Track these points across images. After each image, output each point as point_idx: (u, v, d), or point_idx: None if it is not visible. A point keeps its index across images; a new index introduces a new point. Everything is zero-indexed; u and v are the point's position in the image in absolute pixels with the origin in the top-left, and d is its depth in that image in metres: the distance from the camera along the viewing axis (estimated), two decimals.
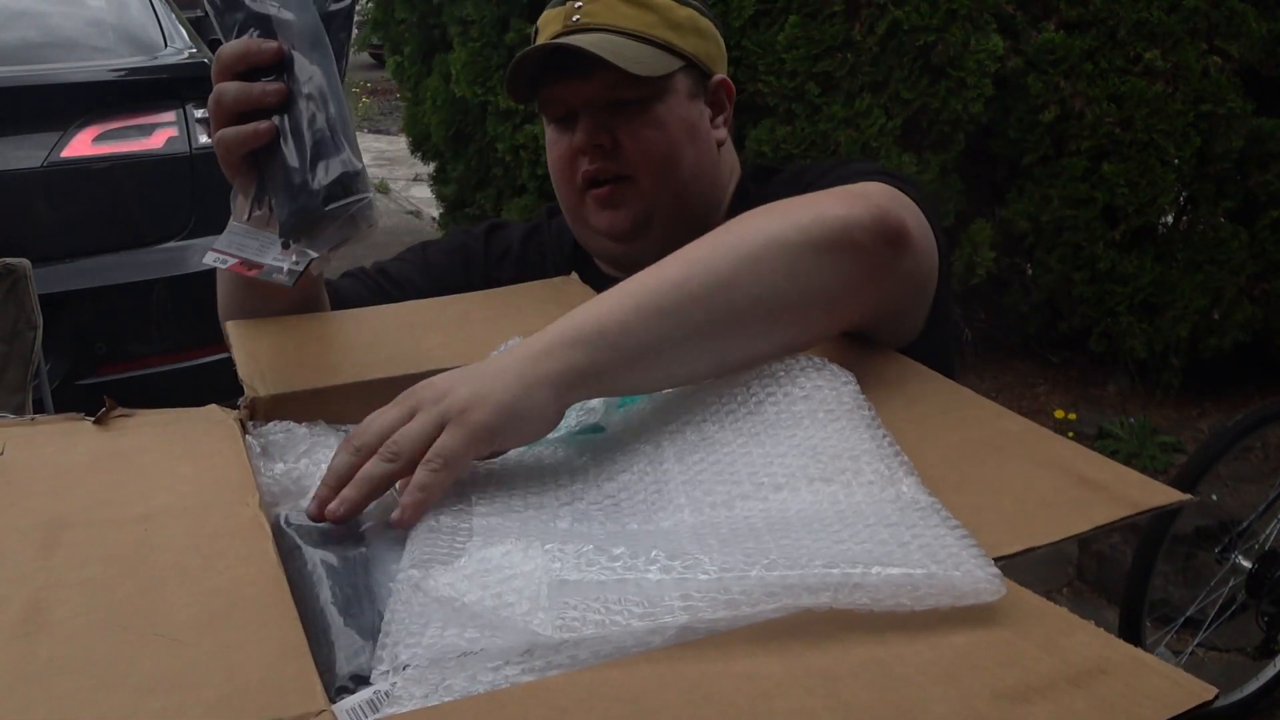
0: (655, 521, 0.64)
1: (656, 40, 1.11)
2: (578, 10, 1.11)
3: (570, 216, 1.20)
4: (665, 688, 0.48)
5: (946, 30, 3.24)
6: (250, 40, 0.86)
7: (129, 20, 3.24)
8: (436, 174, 4.61)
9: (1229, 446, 2.56)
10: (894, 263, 0.83)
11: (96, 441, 0.72)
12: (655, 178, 1.12)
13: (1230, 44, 3.39)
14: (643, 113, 1.12)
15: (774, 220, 0.79)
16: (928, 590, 0.52)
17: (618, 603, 0.52)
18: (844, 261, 0.79)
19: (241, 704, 0.46)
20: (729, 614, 0.52)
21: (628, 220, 1.13)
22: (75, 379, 2.81)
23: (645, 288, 0.74)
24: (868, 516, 0.58)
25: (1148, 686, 0.48)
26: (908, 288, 0.89)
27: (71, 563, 0.56)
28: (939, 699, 0.47)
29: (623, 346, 0.72)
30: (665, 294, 0.74)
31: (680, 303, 0.73)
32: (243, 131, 0.87)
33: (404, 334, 0.94)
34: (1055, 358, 3.94)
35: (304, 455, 0.76)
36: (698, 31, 1.16)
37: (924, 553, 0.54)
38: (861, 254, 0.80)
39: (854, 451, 0.65)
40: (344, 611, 0.57)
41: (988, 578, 0.53)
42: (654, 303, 0.73)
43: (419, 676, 0.50)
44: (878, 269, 0.82)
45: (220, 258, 0.92)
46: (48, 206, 2.83)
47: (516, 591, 0.54)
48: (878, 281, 0.83)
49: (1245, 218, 3.56)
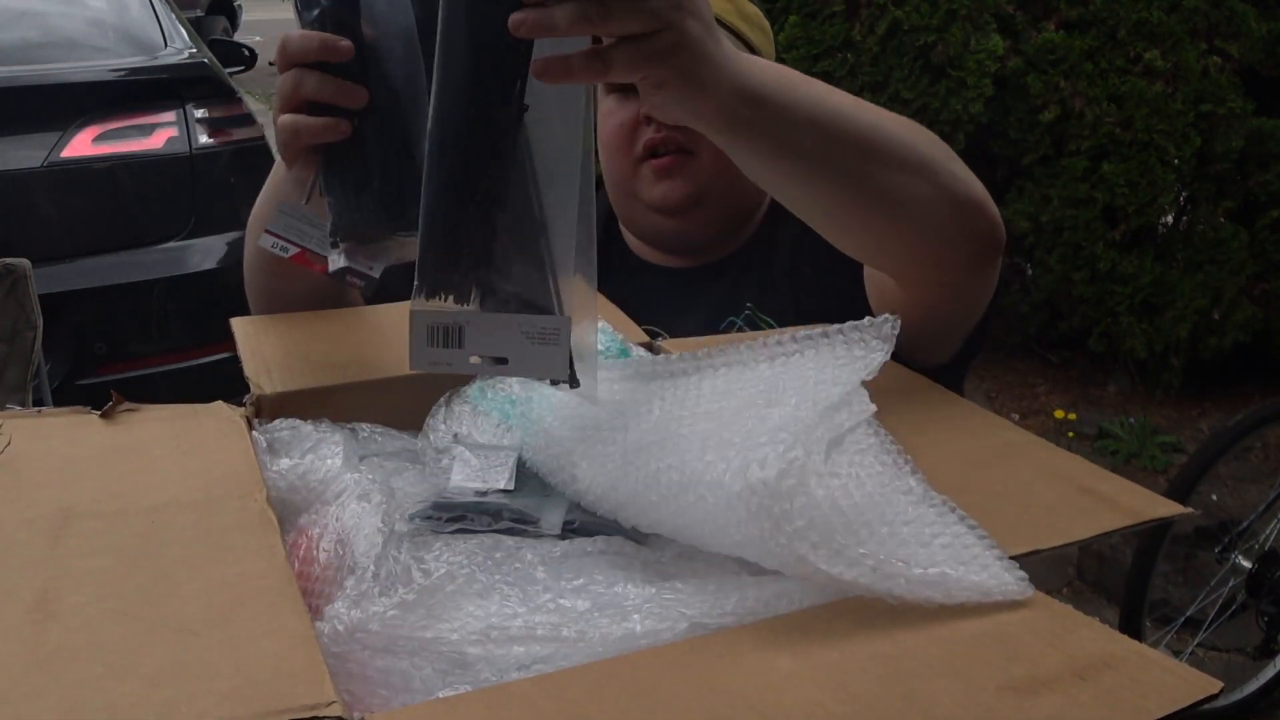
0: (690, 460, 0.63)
1: (730, 25, 1.13)
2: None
3: (618, 190, 1.20)
4: (675, 680, 0.48)
5: (946, 30, 3.25)
6: (326, 35, 0.82)
7: (129, 20, 3.24)
8: None
9: (1229, 446, 2.56)
10: (989, 262, 0.91)
11: (104, 435, 0.72)
12: (714, 156, 1.12)
13: (1230, 44, 3.39)
14: None
15: (944, 151, 0.86)
16: (957, 590, 0.53)
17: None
18: (971, 220, 0.86)
19: (251, 695, 0.46)
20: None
21: (682, 193, 1.14)
22: (75, 379, 2.81)
23: (824, 92, 0.80)
24: (883, 511, 0.58)
25: (1152, 680, 0.48)
26: (976, 299, 0.95)
27: (80, 553, 0.56)
28: (946, 691, 0.47)
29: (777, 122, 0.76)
30: (835, 107, 0.79)
31: (859, 116, 0.80)
32: (316, 124, 0.83)
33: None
34: (1055, 358, 3.94)
35: (309, 452, 0.76)
36: (762, 29, 1.20)
37: (948, 553, 0.54)
38: (979, 231, 0.87)
39: (859, 445, 0.65)
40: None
41: (1015, 580, 0.54)
42: (836, 100, 0.80)
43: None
44: (979, 253, 0.89)
45: (279, 244, 0.88)
46: (48, 206, 2.83)
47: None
48: (973, 261, 0.90)
49: (1245, 218, 3.56)
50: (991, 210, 0.88)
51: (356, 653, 0.54)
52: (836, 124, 0.79)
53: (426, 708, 0.49)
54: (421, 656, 0.53)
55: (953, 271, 0.90)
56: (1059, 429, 3.45)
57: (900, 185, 0.81)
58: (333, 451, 0.76)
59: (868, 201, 0.82)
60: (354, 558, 0.64)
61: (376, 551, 0.63)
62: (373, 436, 0.81)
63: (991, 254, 0.90)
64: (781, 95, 0.76)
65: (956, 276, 0.90)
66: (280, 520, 0.63)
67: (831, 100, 0.80)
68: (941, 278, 0.90)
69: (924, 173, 0.83)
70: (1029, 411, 3.64)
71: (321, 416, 0.80)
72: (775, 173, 0.81)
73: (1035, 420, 3.56)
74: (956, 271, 0.90)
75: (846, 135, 0.79)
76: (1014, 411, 3.65)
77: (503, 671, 0.53)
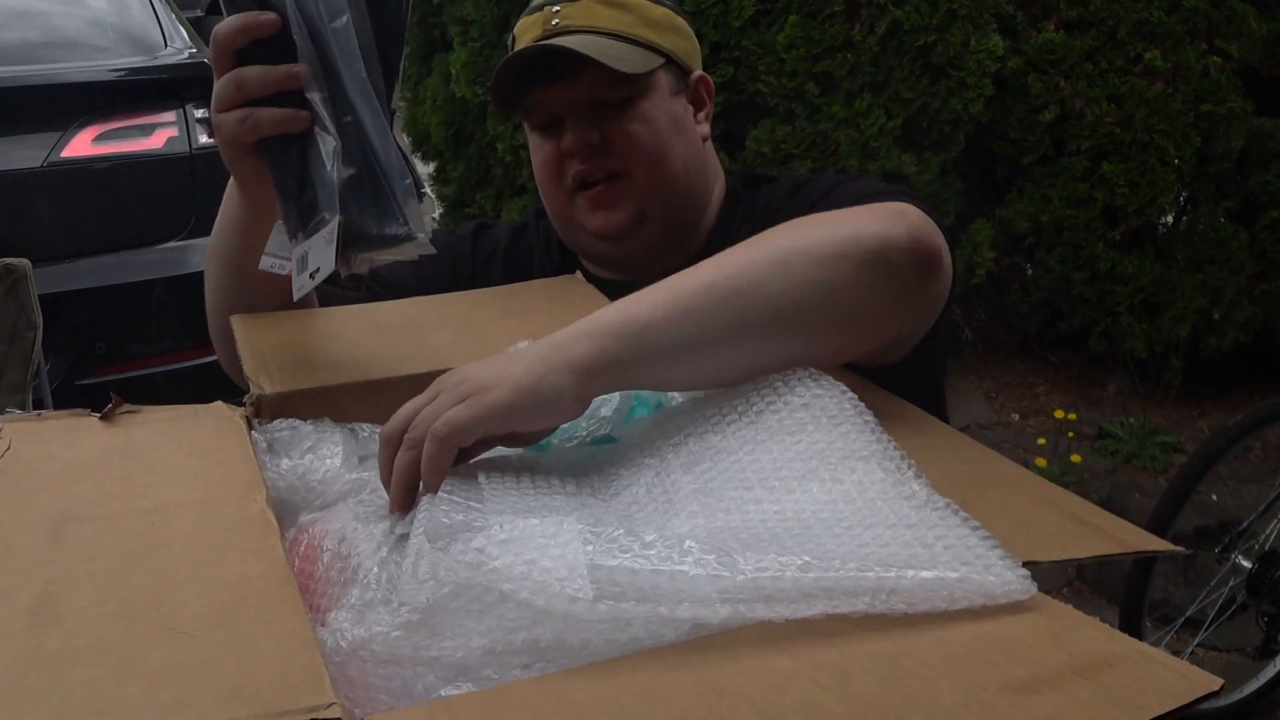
0: (671, 528, 0.63)
1: (637, 39, 1.12)
2: (556, 14, 1.12)
3: (559, 221, 1.19)
4: (676, 681, 0.48)
5: (946, 30, 3.25)
6: (245, 15, 0.82)
7: (129, 20, 3.24)
8: (436, 174, 4.61)
9: (1229, 446, 2.55)
10: (925, 286, 0.84)
11: (103, 437, 0.72)
12: (647, 171, 1.12)
13: (1230, 44, 3.39)
14: (629, 110, 1.12)
15: (810, 231, 0.80)
16: (961, 593, 0.53)
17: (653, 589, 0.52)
18: (878, 279, 0.79)
19: (252, 696, 0.46)
20: (767, 612, 0.52)
21: (623, 218, 1.13)
22: (75, 379, 2.81)
23: (676, 287, 0.75)
24: (886, 516, 0.58)
25: (1153, 678, 0.48)
26: (930, 311, 0.90)
27: (80, 555, 0.56)
28: (946, 690, 0.47)
29: (647, 340, 0.72)
30: (695, 294, 0.74)
31: (709, 303, 0.74)
32: (276, 114, 0.83)
33: (409, 332, 0.94)
34: (1055, 358, 3.94)
35: (309, 451, 0.76)
36: (675, 29, 1.17)
37: (950, 554, 0.54)
38: (896, 274, 0.80)
39: (861, 453, 0.65)
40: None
41: (1018, 579, 0.53)
42: (683, 301, 0.74)
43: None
44: (909, 291, 0.83)
45: (278, 263, 0.89)
46: (48, 206, 2.83)
47: (553, 559, 0.53)
48: (906, 302, 0.84)
49: (1245, 218, 3.56)
50: (899, 236, 0.80)
51: (357, 661, 0.54)
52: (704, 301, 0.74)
53: (426, 708, 0.49)
54: (425, 665, 0.53)
55: (900, 310, 0.84)
56: (1059, 429, 3.45)
57: (801, 303, 0.75)
58: (332, 451, 0.76)
59: (791, 338, 0.77)
60: (356, 557, 0.64)
61: (381, 555, 0.63)
62: (373, 436, 0.81)
63: (926, 269, 0.83)
64: (635, 346, 0.72)
65: (901, 315, 0.86)
66: (280, 520, 0.63)
67: (688, 284, 0.75)
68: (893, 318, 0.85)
69: (811, 273, 0.76)
70: (1029, 411, 3.64)
71: (321, 416, 0.80)
72: (683, 381, 0.77)
73: (1035, 420, 3.55)
74: (904, 308, 0.85)
75: (718, 307, 0.74)
76: (1014, 411, 3.64)
77: (505, 670, 0.53)
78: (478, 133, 4.11)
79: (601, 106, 1.12)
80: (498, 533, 0.55)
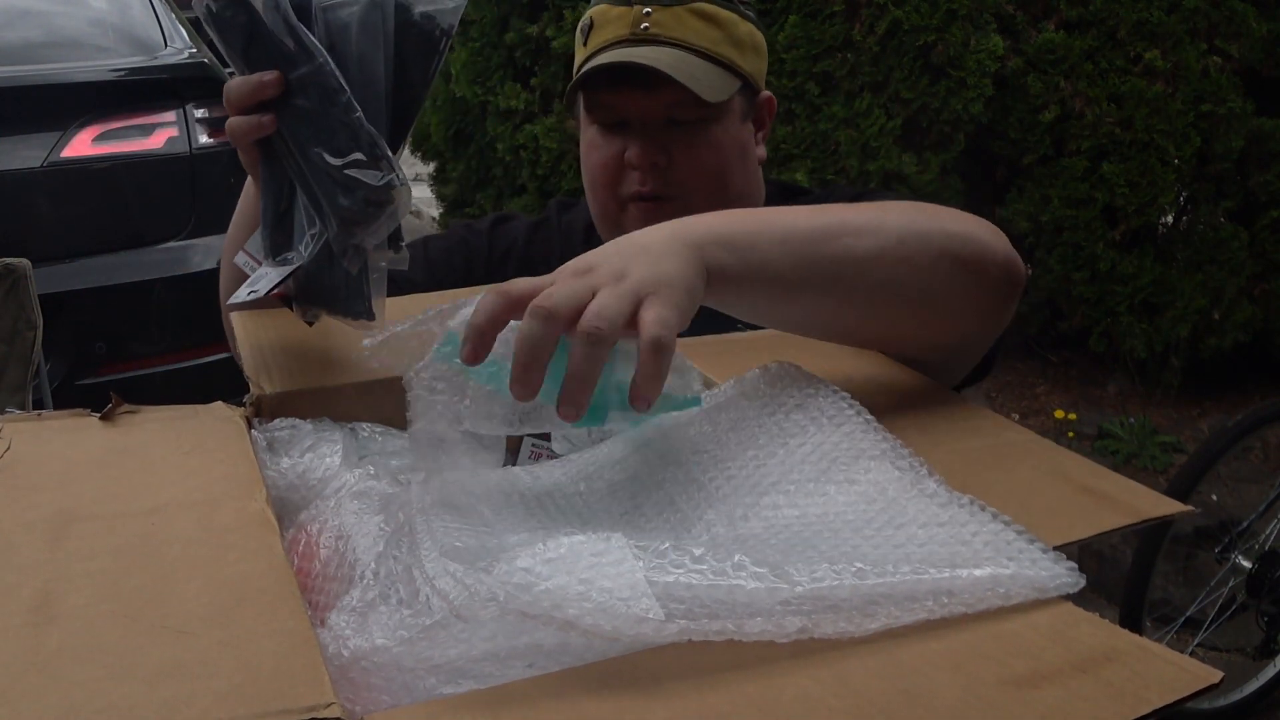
0: (691, 539, 0.61)
1: (721, 59, 1.12)
2: (646, 18, 1.10)
3: (603, 221, 1.19)
4: (673, 676, 0.48)
5: (946, 30, 3.25)
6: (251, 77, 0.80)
7: (129, 20, 3.24)
8: (436, 174, 4.61)
9: (1229, 446, 2.56)
10: (1006, 303, 0.86)
11: (103, 437, 0.72)
12: (705, 200, 1.12)
13: (1230, 44, 3.40)
14: (700, 133, 1.12)
15: (925, 216, 0.80)
16: (1015, 589, 0.52)
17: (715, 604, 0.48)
18: (971, 284, 0.81)
19: (251, 695, 0.46)
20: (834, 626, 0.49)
21: None
22: (75, 379, 2.81)
23: (793, 226, 0.74)
24: (915, 516, 0.58)
25: (1153, 672, 0.48)
26: (997, 328, 0.91)
27: (80, 554, 0.56)
28: (946, 686, 0.47)
29: (752, 263, 0.71)
30: (807, 238, 0.74)
31: (815, 252, 0.74)
32: (242, 122, 0.82)
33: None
34: (1055, 358, 3.94)
35: (309, 451, 0.76)
36: (755, 49, 1.17)
37: (992, 550, 0.54)
38: (986, 284, 0.82)
39: (872, 452, 0.64)
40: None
41: (1066, 571, 0.53)
42: (797, 241, 0.73)
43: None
44: (993, 304, 0.85)
45: (249, 263, 0.89)
46: (48, 206, 2.83)
47: (610, 578, 0.48)
48: (986, 315, 0.86)
49: (1245, 218, 3.56)
50: (999, 251, 0.82)
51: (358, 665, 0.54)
52: (814, 247, 0.74)
53: (427, 707, 0.49)
54: (427, 670, 0.53)
55: (982, 319, 0.87)
56: (1059, 429, 3.45)
57: (899, 280, 0.77)
58: (332, 450, 0.76)
59: (875, 310, 0.78)
60: (355, 555, 0.64)
61: (378, 550, 0.63)
62: (373, 436, 0.81)
63: (1010, 291, 0.85)
64: (743, 267, 0.71)
65: (975, 326, 0.87)
66: (279, 519, 0.62)
67: (805, 223, 0.75)
68: (973, 323, 0.86)
69: (918, 257, 0.77)
70: (1029, 411, 3.64)
71: (321, 416, 0.80)
72: (774, 313, 0.79)
73: (1035, 420, 3.55)
74: (975, 322, 0.86)
75: (824, 256, 0.74)
76: (1014, 411, 3.64)
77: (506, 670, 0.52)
78: (477, 133, 4.11)
79: (673, 123, 1.12)
80: (543, 550, 0.51)
